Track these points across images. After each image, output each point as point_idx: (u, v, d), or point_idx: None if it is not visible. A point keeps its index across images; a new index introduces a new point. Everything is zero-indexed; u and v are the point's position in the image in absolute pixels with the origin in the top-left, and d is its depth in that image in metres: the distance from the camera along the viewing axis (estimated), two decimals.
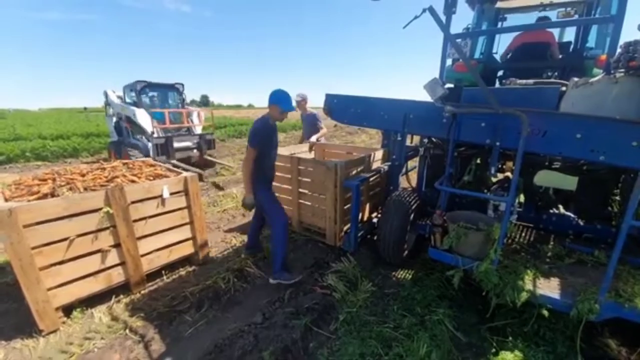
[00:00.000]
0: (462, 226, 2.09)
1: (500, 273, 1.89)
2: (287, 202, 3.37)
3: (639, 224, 1.49)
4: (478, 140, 2.19)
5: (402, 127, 2.53)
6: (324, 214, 3.09)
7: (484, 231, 2.02)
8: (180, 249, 2.64)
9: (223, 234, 3.49)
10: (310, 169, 3.14)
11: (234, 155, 8.45)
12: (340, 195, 2.92)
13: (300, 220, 3.38)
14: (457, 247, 2.11)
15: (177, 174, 2.67)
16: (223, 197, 4.61)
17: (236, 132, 13.19)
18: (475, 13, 3.22)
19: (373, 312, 2.23)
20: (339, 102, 2.74)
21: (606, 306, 1.62)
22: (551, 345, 1.79)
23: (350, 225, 2.95)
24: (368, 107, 2.65)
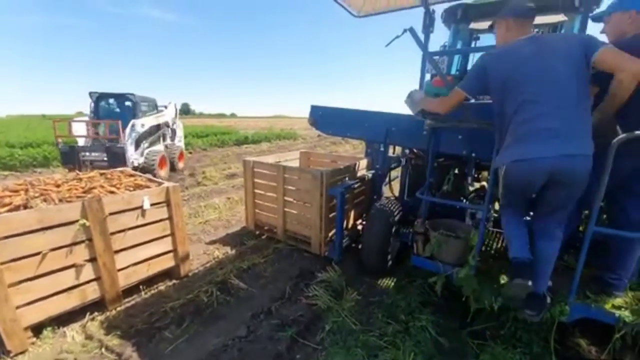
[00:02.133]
0: (443, 234, 2.19)
1: (478, 278, 1.98)
2: (272, 211, 3.44)
3: (602, 230, 1.62)
4: (455, 152, 2.35)
5: (385, 139, 2.71)
6: (310, 222, 3.14)
7: (462, 238, 2.13)
8: (160, 263, 2.58)
9: (205, 245, 3.45)
10: (296, 177, 3.19)
11: (216, 165, 8.35)
12: (325, 204, 2.99)
13: (286, 228, 3.41)
14: (438, 254, 2.20)
15: (158, 184, 2.65)
16: (205, 208, 4.55)
17: (219, 142, 13.05)
18: (451, 32, 3.45)
19: (358, 321, 2.28)
20: (324, 114, 2.87)
21: (575, 307, 1.74)
22: (527, 347, 1.91)
23: (335, 233, 3.01)
24: (352, 119, 2.80)
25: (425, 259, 2.25)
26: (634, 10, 1.62)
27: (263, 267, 2.99)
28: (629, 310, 1.66)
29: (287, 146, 13.82)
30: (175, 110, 8.32)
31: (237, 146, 13.28)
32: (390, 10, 3.11)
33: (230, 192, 5.58)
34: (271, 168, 3.37)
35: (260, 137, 15.81)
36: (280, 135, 17.68)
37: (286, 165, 3.34)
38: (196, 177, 6.72)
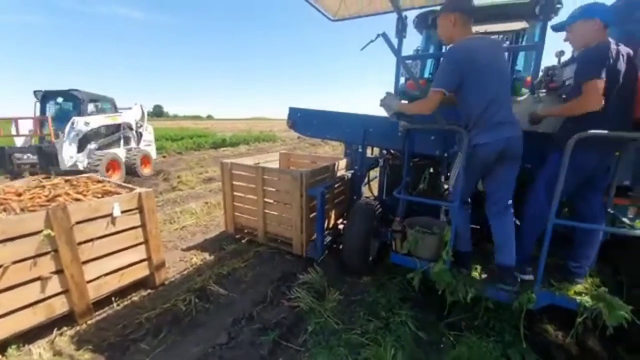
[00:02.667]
0: (419, 231, 2.29)
1: (452, 272, 2.09)
2: (252, 213, 3.43)
3: (562, 222, 1.77)
4: (429, 152, 2.50)
5: (363, 140, 2.85)
6: (290, 223, 3.15)
7: (437, 234, 2.24)
8: (133, 272, 2.49)
9: (181, 252, 3.36)
10: (276, 179, 3.20)
11: (192, 169, 8.13)
12: (305, 204, 3.02)
13: (266, 230, 3.40)
14: (415, 251, 2.30)
15: (129, 190, 2.56)
16: (181, 214, 4.43)
17: (194, 145, 12.71)
18: (423, 37, 3.62)
19: (341, 320, 2.32)
20: (302, 116, 2.96)
21: (541, 295, 1.87)
22: (500, 335, 2.03)
23: (316, 233, 3.06)
24: (330, 121, 2.90)
25: (404, 256, 2.34)
26: (598, 18, 1.74)
27: (243, 272, 2.97)
28: (589, 296, 1.81)
29: (266, 148, 13.71)
30: (142, 113, 7.80)
31: (214, 149, 13.00)
32: (365, 14, 3.28)
33: (207, 197, 5.46)
34: (250, 170, 3.34)
35: (239, 139, 15.56)
36: (259, 137, 17.51)
37: (265, 167, 3.33)
38: (171, 181, 6.51)
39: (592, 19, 1.75)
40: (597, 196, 1.91)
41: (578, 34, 1.84)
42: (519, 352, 1.88)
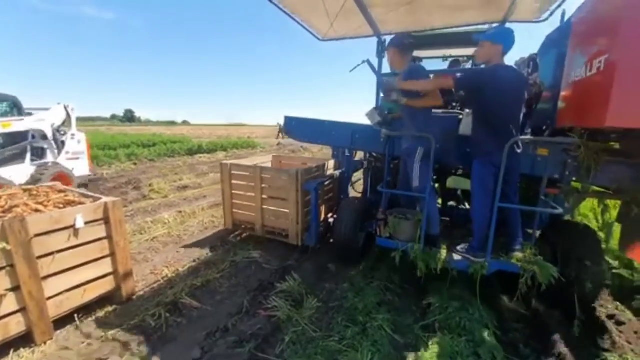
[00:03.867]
0: (397, 217, 2.76)
1: (426, 250, 2.58)
2: (250, 209, 3.81)
3: (504, 205, 2.32)
4: None
5: (350, 144, 3.40)
6: (287, 216, 3.55)
7: (412, 220, 2.73)
8: (98, 287, 2.41)
9: (152, 265, 3.27)
10: (273, 177, 3.63)
11: (166, 176, 7.90)
12: (301, 199, 3.45)
13: (264, 224, 3.76)
14: (395, 234, 2.77)
15: (94, 199, 2.50)
16: (152, 224, 4.31)
17: (168, 151, 12.37)
18: None
19: (319, 328, 2.36)
20: (297, 124, 3.41)
21: (491, 264, 2.41)
22: (471, 334, 2.14)
23: (311, 223, 3.53)
24: (322, 128, 3.36)
25: (387, 239, 2.82)
26: (502, 45, 2.27)
27: (219, 283, 2.94)
28: (525, 262, 2.35)
29: (245, 155, 13.59)
30: (67, 116, 6.04)
31: (189, 156, 12.71)
32: (350, 37, 3.87)
33: (181, 205, 5.35)
34: (249, 170, 3.74)
35: (216, 146, 15.33)
36: (237, 144, 17.32)
37: (263, 167, 3.78)
38: (142, 190, 6.30)
39: (499, 44, 2.28)
40: (512, 189, 2.46)
41: (485, 51, 2.37)
42: (489, 350, 2.00)
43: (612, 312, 2.49)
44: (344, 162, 4.04)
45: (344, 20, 3.28)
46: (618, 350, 2.12)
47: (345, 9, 2.98)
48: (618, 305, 2.62)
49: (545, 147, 2.46)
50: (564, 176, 2.38)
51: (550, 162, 2.42)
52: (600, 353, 2.10)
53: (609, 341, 2.21)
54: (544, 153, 2.45)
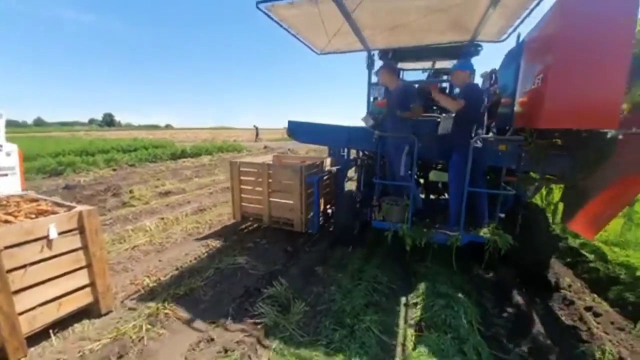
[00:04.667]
0: (388, 203, 3.40)
1: (412, 229, 3.16)
2: (258, 202, 4.27)
3: (473, 189, 2.97)
4: None
5: (346, 144, 4.08)
6: (291, 207, 4.04)
7: (400, 205, 3.34)
8: (74, 300, 2.32)
9: (132, 274, 3.18)
10: (280, 172, 4.11)
11: (147, 182, 7.71)
12: (304, 191, 3.94)
13: (271, 214, 4.22)
14: (387, 217, 3.40)
15: (68, 208, 2.41)
16: (133, 232, 4.20)
17: (150, 156, 12.07)
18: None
19: (306, 332, 2.36)
20: (299, 127, 3.97)
21: (464, 237, 3.02)
22: (456, 332, 2.20)
23: (313, 212, 4.07)
24: (321, 130, 3.94)
25: (381, 222, 3.42)
26: (468, 71, 3.28)
27: (203, 291, 2.89)
28: (490, 234, 2.96)
29: (231, 159, 13.44)
30: None
31: (172, 160, 12.45)
32: (344, 51, 4.69)
33: (163, 212, 5.23)
34: (257, 166, 4.23)
35: (200, 150, 15.06)
36: (222, 147, 17.09)
37: (270, 163, 4.27)
38: (121, 197, 6.12)
39: (467, 70, 3.29)
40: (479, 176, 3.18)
41: (458, 77, 3.33)
42: (473, 347, 2.05)
43: (589, 304, 2.60)
44: (339, 160, 4.54)
45: (340, 37, 3.94)
46: (596, 341, 2.22)
47: (341, 29, 3.63)
48: (595, 297, 2.75)
49: (504, 144, 3.06)
50: (519, 166, 3.03)
51: (508, 155, 3.05)
52: (579, 344, 2.19)
53: (587, 333, 2.31)
54: (503, 148, 3.07)
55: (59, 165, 8.86)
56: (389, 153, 3.58)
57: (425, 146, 3.34)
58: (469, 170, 2.91)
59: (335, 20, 3.38)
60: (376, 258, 3.53)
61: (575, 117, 2.25)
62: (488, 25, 3.56)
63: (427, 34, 3.94)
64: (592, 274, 3.08)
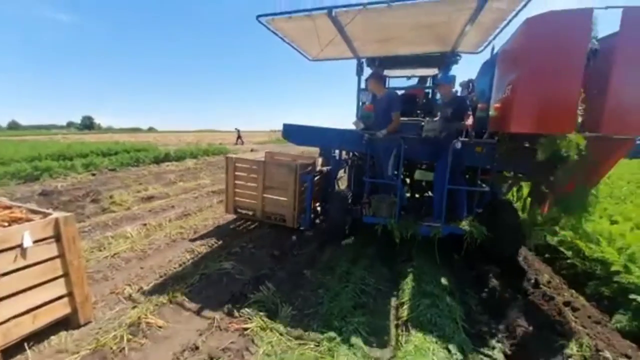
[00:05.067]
0: (377, 200, 3.69)
1: (400, 223, 3.48)
2: (252, 197, 4.50)
3: (453, 186, 3.33)
4: None
5: (339, 146, 4.37)
6: (284, 203, 4.25)
7: (387, 202, 3.63)
8: (50, 311, 2.23)
9: (113, 283, 3.08)
10: (276, 170, 4.31)
11: (129, 187, 7.49)
12: (298, 189, 4.14)
13: (264, 210, 4.44)
14: (376, 212, 3.68)
15: (44, 215, 2.32)
16: (113, 239, 4.07)
17: (132, 160, 11.73)
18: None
19: (294, 336, 2.35)
20: (294, 130, 4.19)
21: (444, 228, 3.36)
22: (441, 330, 2.25)
23: (305, 209, 4.28)
24: (315, 133, 4.20)
25: (371, 217, 3.68)
26: (451, 83, 3.77)
27: (187, 298, 2.83)
28: (467, 226, 3.31)
29: (216, 162, 13.23)
30: None
31: (155, 164, 12.14)
32: (335, 58, 5.03)
33: (146, 218, 5.10)
34: (253, 163, 4.48)
35: (184, 153, 14.76)
36: (208, 150, 16.81)
37: (266, 161, 4.63)
38: (101, 202, 5.91)
39: (450, 83, 3.76)
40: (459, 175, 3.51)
41: (444, 89, 3.80)
42: (458, 344, 2.10)
43: (568, 300, 2.71)
44: (331, 160, 4.77)
45: (331, 46, 4.29)
46: (574, 334, 2.31)
47: (334, 40, 4.02)
48: (573, 293, 2.86)
49: (480, 145, 3.43)
50: (493, 166, 3.44)
51: (483, 156, 3.44)
52: (558, 338, 2.28)
53: (566, 327, 2.41)
54: (479, 150, 3.45)
55: (34, 170, 8.49)
56: (377, 154, 3.87)
57: (411, 148, 3.63)
58: (449, 170, 3.28)
59: (328, 32, 3.73)
60: (363, 259, 3.57)
61: (539, 123, 2.60)
62: (466, 38, 3.96)
63: (412, 45, 4.34)
64: (569, 270, 3.22)
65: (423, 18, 3.39)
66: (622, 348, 2.15)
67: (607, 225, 3.44)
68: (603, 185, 5.96)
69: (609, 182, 6.50)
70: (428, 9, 3.20)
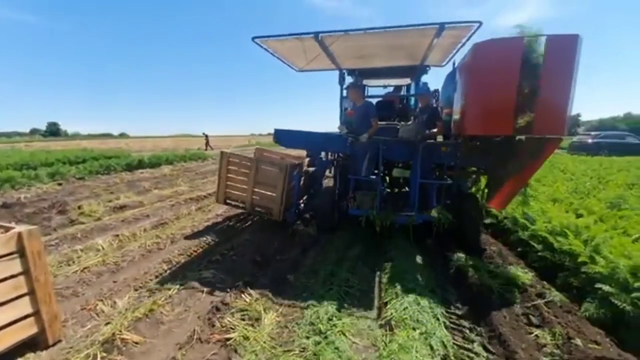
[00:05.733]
0: (361, 195, 4.21)
1: (380, 214, 3.99)
2: (242, 190, 4.89)
3: (424, 181, 3.95)
4: None
5: (325, 147, 4.93)
6: (272, 198, 4.65)
7: (370, 196, 4.15)
8: (15, 332, 2.08)
9: (84, 299, 2.92)
10: (267, 167, 4.70)
11: (99, 196, 7.12)
12: (287, 186, 4.54)
13: (253, 202, 4.84)
14: (360, 205, 4.17)
15: (5, 229, 2.17)
16: (82, 252, 3.85)
17: (102, 167, 11.18)
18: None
19: (278, 343, 2.33)
20: (285, 134, 4.58)
21: (417, 217, 3.94)
22: (424, 326, 2.31)
23: (292, 204, 4.80)
24: (303, 136, 4.59)
25: (356, 209, 4.17)
26: (430, 95, 4.95)
27: (165, 311, 2.72)
28: (437, 214, 3.82)
29: (194, 168, 12.89)
30: None
31: (128, 172, 11.65)
32: (320, 69, 5.67)
33: (118, 228, 4.87)
34: (246, 159, 4.86)
35: (160, 159, 14.26)
36: (185, 156, 16.34)
37: (259, 158, 5.01)
38: (69, 213, 5.58)
39: (428, 95, 4.85)
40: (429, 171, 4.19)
41: (422, 100, 4.79)
42: (440, 340, 2.16)
43: (540, 291, 2.85)
44: (319, 161, 5.32)
45: (316, 60, 4.97)
46: (547, 325, 2.44)
47: (319, 56, 4.68)
48: (544, 284, 3.02)
49: (445, 146, 4.10)
50: (457, 163, 4.06)
51: (448, 155, 4.04)
52: (532, 329, 2.40)
53: (539, 317, 2.54)
54: (444, 149, 4.07)
55: None
56: (355, 156, 4.34)
57: (389, 149, 4.17)
58: (420, 167, 3.93)
59: (314, 49, 4.34)
60: (347, 261, 3.60)
61: (486, 126, 3.23)
62: (432, 55, 4.71)
63: (386, 59, 5.10)
64: (540, 263, 3.39)
65: (394, 41, 4.10)
66: (591, 335, 2.29)
67: (573, 218, 3.65)
68: (568, 181, 6.37)
69: (574, 178, 6.94)
70: (397, 34, 3.83)
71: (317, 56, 4.70)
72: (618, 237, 3.09)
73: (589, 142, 17.33)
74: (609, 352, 2.09)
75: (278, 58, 4.94)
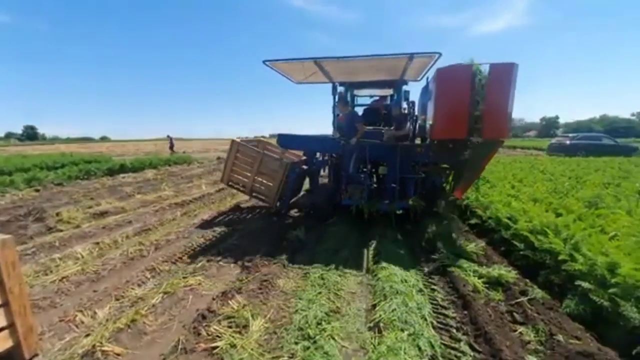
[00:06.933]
0: (352, 188, 5.04)
1: (368, 203, 4.88)
2: (246, 177, 5.80)
3: (402, 175, 4.97)
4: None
5: (321, 149, 5.97)
6: (270, 187, 5.57)
7: (359, 189, 5.01)
8: None
9: (62, 310, 2.80)
10: (271, 161, 5.59)
11: (79, 202, 6.86)
12: (284, 179, 5.41)
13: (253, 189, 5.80)
14: (352, 197, 5.01)
15: None
16: (61, 261, 3.70)
17: (81, 172, 10.79)
18: (345, 92, 6.82)
19: (267, 350, 2.30)
20: (286, 138, 5.60)
21: (398, 204, 4.94)
22: (412, 327, 2.33)
23: (286, 195, 5.75)
24: (302, 139, 5.69)
25: (348, 200, 5.00)
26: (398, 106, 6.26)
27: (148, 320, 2.64)
28: (412, 203, 4.78)
29: (179, 172, 12.62)
30: None
31: (109, 176, 11.29)
32: (316, 82, 6.87)
33: (99, 235, 4.71)
34: (253, 151, 5.74)
35: (143, 163, 13.90)
36: (169, 160, 16.00)
37: (265, 152, 5.87)
38: (46, 221, 5.35)
39: (397, 105, 6.13)
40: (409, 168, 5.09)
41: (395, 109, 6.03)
42: (427, 341, 2.19)
43: (523, 289, 2.93)
44: (313, 160, 6.20)
45: (313, 75, 6.22)
46: (531, 322, 2.50)
47: (316, 73, 5.99)
48: (527, 282, 3.11)
49: (420, 147, 5.16)
50: (430, 161, 4.99)
51: (423, 154, 5.01)
52: (516, 326, 2.46)
53: (523, 315, 2.60)
54: (419, 150, 5.09)
55: None
56: (345, 156, 5.19)
57: (375, 150, 5.12)
58: (398, 165, 4.91)
59: (311, 68, 5.63)
60: (337, 263, 3.60)
61: (447, 132, 4.29)
62: (408, 72, 5.92)
63: (371, 75, 6.28)
64: (523, 261, 3.49)
65: (377, 63, 5.31)
66: (572, 331, 2.37)
67: (553, 218, 3.78)
68: (548, 182, 6.60)
69: (553, 178, 7.19)
70: (378, 60, 5.08)
71: (314, 73, 5.99)
72: (596, 235, 3.22)
73: (567, 144, 18.01)
74: (589, 346, 2.16)
75: (280, 73, 6.08)
